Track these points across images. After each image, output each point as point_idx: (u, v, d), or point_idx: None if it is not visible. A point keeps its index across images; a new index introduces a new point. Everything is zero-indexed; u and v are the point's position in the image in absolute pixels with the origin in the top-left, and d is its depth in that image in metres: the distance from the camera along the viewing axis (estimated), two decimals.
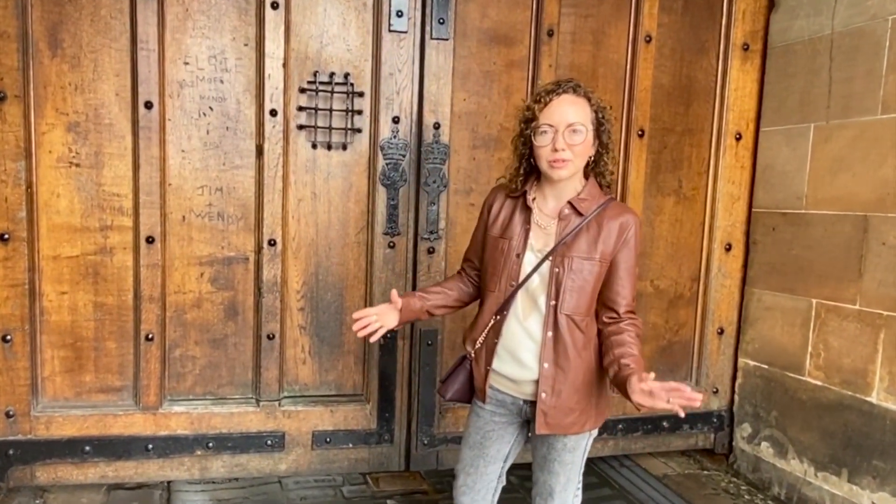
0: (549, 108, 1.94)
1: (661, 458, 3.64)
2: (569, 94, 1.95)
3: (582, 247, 1.96)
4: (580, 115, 1.93)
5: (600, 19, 3.27)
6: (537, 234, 2.01)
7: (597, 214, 1.98)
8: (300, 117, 2.97)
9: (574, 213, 1.98)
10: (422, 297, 2.20)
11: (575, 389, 1.97)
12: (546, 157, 1.94)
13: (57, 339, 2.86)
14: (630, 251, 1.99)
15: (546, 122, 1.93)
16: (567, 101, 1.94)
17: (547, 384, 1.97)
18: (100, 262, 2.86)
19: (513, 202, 2.08)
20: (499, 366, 2.05)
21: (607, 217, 1.98)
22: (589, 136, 1.94)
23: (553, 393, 1.97)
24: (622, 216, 1.99)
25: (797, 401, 3.23)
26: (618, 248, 1.97)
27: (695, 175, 3.49)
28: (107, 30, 2.78)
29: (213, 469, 3.02)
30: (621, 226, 1.97)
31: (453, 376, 2.17)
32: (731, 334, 3.56)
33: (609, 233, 1.97)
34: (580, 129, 1.92)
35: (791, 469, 3.25)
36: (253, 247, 2.99)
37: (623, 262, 1.99)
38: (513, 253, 2.01)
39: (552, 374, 1.97)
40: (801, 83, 3.24)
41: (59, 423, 2.84)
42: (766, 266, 3.41)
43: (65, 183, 2.80)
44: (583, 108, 1.95)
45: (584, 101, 1.96)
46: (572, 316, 1.96)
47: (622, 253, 1.98)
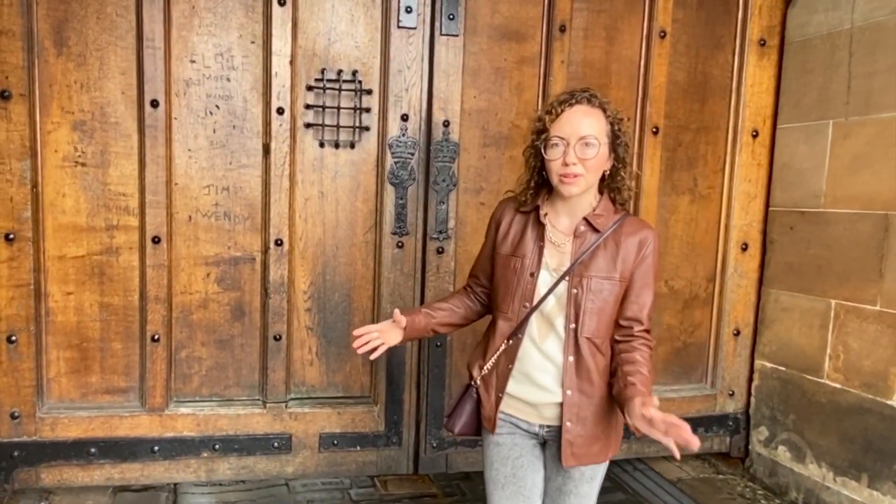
0: (561, 120, 1.82)
1: (675, 462, 3.56)
2: (582, 105, 1.83)
3: (601, 266, 1.85)
4: (594, 127, 1.81)
5: (613, 14, 3.20)
6: (552, 252, 1.89)
7: (614, 231, 1.86)
8: (307, 115, 2.93)
9: (590, 229, 1.86)
10: (427, 313, 2.08)
11: (600, 417, 1.87)
12: (556, 171, 1.82)
13: (62, 340, 2.83)
14: (648, 268, 1.89)
15: (557, 134, 1.82)
16: (580, 113, 1.82)
17: (572, 412, 1.85)
18: (106, 263, 2.83)
19: (524, 217, 1.96)
20: (513, 390, 1.92)
21: (625, 233, 1.86)
22: (603, 150, 1.82)
23: (578, 421, 1.85)
24: (640, 232, 1.88)
25: (815, 404, 3.15)
26: (636, 266, 1.87)
27: (710, 173, 3.42)
28: (113, 27, 2.75)
29: (219, 471, 2.98)
30: (640, 242, 1.86)
31: (459, 407, 2.03)
32: (748, 336, 3.49)
33: (628, 250, 1.86)
34: (593, 143, 1.80)
35: (809, 474, 3.18)
36: (260, 247, 2.95)
37: (640, 279, 1.88)
38: (526, 272, 1.89)
39: (577, 402, 1.85)
40: (819, 79, 3.16)
41: (64, 424, 2.81)
42: (784, 266, 3.34)
43: (70, 182, 2.78)
44: (597, 119, 1.83)
45: (598, 112, 1.84)
46: (593, 339, 1.85)
47: (640, 270, 1.87)
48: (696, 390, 3.50)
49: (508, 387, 1.91)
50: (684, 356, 3.50)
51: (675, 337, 3.48)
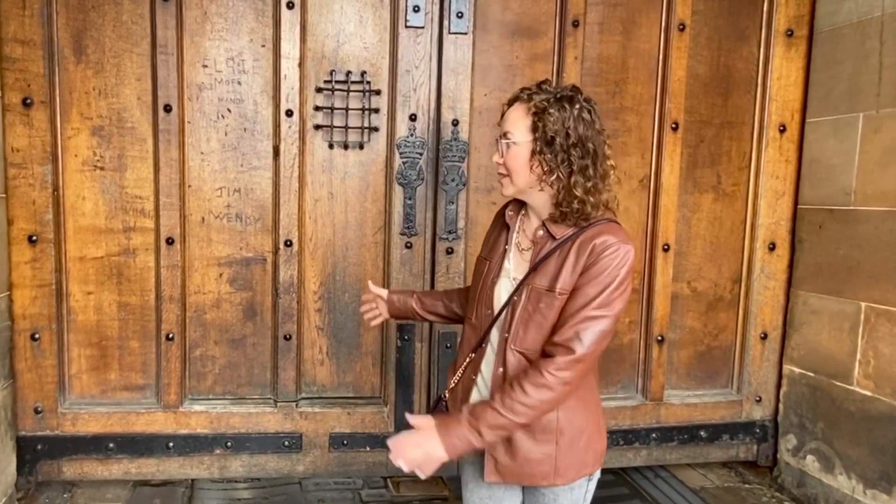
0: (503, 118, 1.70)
1: (699, 470, 3.45)
2: (517, 102, 1.66)
3: (546, 275, 1.63)
4: (512, 122, 1.64)
5: (630, 8, 3.12)
6: (517, 258, 1.74)
7: (573, 237, 1.63)
8: (317, 117, 2.95)
9: (547, 235, 1.67)
10: (418, 297, 2.03)
11: (531, 439, 1.66)
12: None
13: (83, 338, 2.93)
14: (592, 276, 1.57)
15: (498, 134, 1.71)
16: (511, 110, 1.67)
17: None
18: (123, 263, 2.92)
19: (502, 219, 1.83)
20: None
21: (581, 240, 1.61)
22: (523, 148, 1.61)
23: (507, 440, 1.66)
24: (598, 237, 1.59)
25: (845, 412, 3.00)
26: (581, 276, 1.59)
27: (735, 170, 3.29)
28: (128, 35, 2.83)
29: (232, 468, 3.04)
30: (593, 248, 1.58)
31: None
32: (776, 339, 3.34)
33: (576, 258, 1.60)
34: (508, 140, 1.64)
35: (838, 485, 3.02)
36: (270, 247, 2.99)
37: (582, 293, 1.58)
38: (489, 277, 1.76)
39: None
40: (849, 70, 3.01)
41: (84, 419, 2.91)
42: (813, 266, 3.18)
43: (90, 186, 2.87)
44: (519, 114, 1.63)
45: (523, 105, 1.63)
46: (524, 352, 1.64)
47: (583, 278, 1.58)
48: (720, 396, 3.37)
49: (472, 400, 1.76)
50: (708, 360, 3.38)
51: (698, 340, 3.36)
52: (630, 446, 3.28)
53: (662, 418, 3.29)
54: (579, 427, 1.69)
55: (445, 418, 1.63)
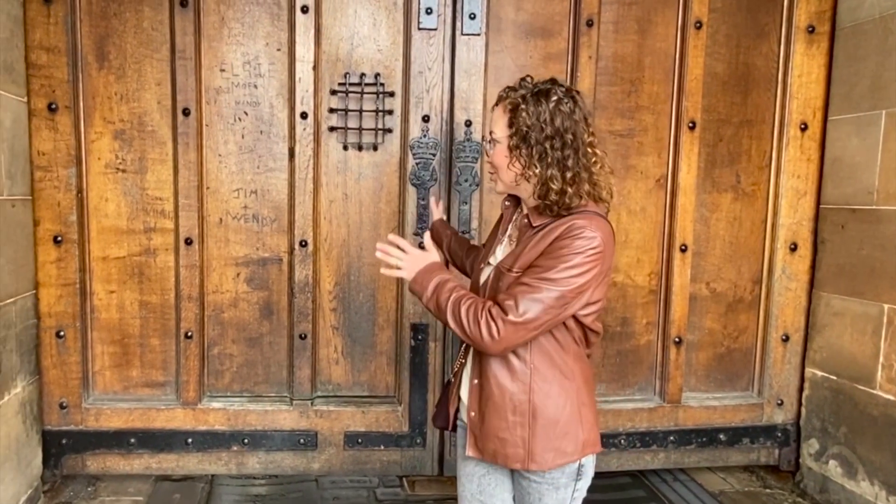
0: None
1: (719, 474, 3.40)
2: (500, 103, 1.72)
3: (512, 256, 1.70)
4: (495, 120, 1.72)
5: (645, 6, 3.09)
6: (506, 247, 1.83)
7: (549, 224, 1.66)
8: (331, 119, 2.99)
9: (528, 224, 1.73)
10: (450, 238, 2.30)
11: (498, 415, 1.71)
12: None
13: (106, 336, 3.02)
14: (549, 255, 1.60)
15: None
16: (496, 109, 1.74)
17: (474, 402, 1.77)
18: (144, 263, 3.00)
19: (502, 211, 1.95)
20: (464, 393, 1.85)
21: (552, 226, 1.65)
22: (503, 145, 1.69)
23: (479, 414, 1.76)
24: (565, 224, 1.62)
25: (867, 416, 2.93)
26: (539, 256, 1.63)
27: (755, 169, 3.24)
28: (149, 41, 2.91)
29: (249, 465, 3.09)
30: (558, 234, 1.61)
31: (441, 402, 1.99)
32: (798, 342, 3.28)
33: (539, 241, 1.65)
34: (492, 140, 1.72)
35: (861, 491, 2.95)
36: (286, 248, 3.04)
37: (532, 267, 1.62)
38: (479, 263, 1.88)
39: (477, 393, 1.76)
40: (872, 66, 2.94)
41: (107, 415, 3.00)
42: (835, 267, 3.11)
43: (112, 188, 2.95)
44: (499, 114, 1.71)
45: (503, 104, 1.71)
46: None
47: (540, 256, 1.62)
48: (740, 399, 3.32)
49: (462, 388, 1.86)
50: (728, 362, 3.33)
51: (717, 342, 3.31)
52: (647, 448, 3.25)
53: (681, 421, 3.25)
54: (554, 412, 1.70)
55: (436, 266, 1.74)
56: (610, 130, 3.10)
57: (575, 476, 1.75)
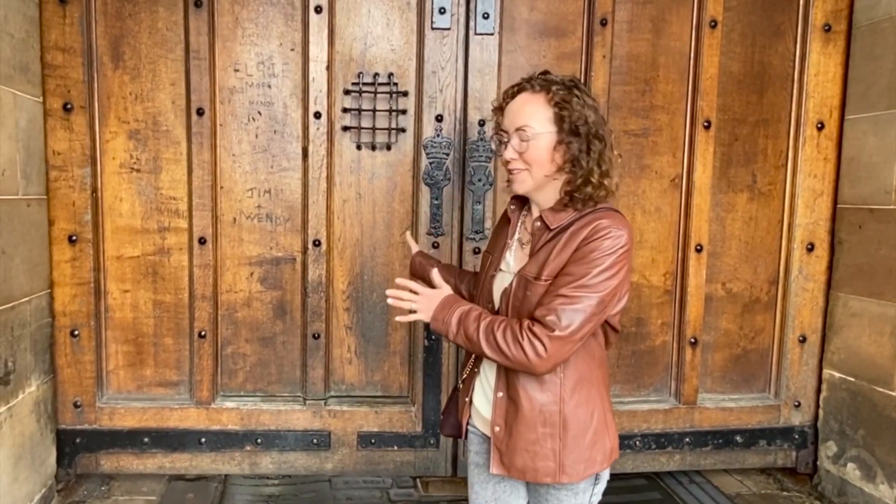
0: (506, 113, 1.69)
1: (736, 476, 3.36)
2: (525, 93, 1.65)
3: (535, 263, 1.64)
4: (530, 115, 1.62)
5: (660, 5, 3.08)
6: (517, 252, 1.75)
7: (570, 226, 1.62)
8: (344, 119, 2.99)
9: (544, 226, 1.66)
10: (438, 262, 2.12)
11: (529, 428, 1.66)
12: (504, 167, 1.70)
13: (120, 335, 3.02)
14: (581, 260, 1.56)
15: (502, 128, 1.69)
16: (521, 101, 1.65)
17: (500, 416, 1.70)
18: (158, 262, 3.00)
19: (505, 214, 1.86)
20: (478, 401, 1.80)
21: (575, 228, 1.60)
22: (545, 140, 1.61)
23: (506, 428, 1.69)
24: (591, 224, 1.58)
25: (886, 418, 2.89)
26: (569, 262, 1.58)
27: (771, 169, 3.21)
28: (163, 42, 2.92)
29: (262, 465, 3.08)
30: (585, 236, 1.57)
31: (448, 409, 1.94)
32: (815, 343, 3.24)
33: (566, 245, 1.60)
34: (529, 133, 1.61)
35: (880, 495, 2.91)
36: (300, 247, 3.04)
37: (565, 270, 1.57)
38: (489, 271, 1.78)
39: (504, 405, 1.69)
40: (889, 65, 2.91)
41: (121, 414, 3.00)
42: (853, 268, 3.08)
43: (127, 187, 2.96)
44: (536, 106, 1.62)
45: (539, 96, 1.63)
46: None
47: (570, 261, 1.58)
48: (757, 400, 3.28)
49: (475, 395, 1.80)
50: (744, 363, 3.30)
51: (733, 343, 3.28)
52: (663, 450, 3.22)
53: (696, 422, 3.22)
54: (584, 421, 1.67)
55: (452, 299, 1.68)
56: (624, 130, 3.09)
57: (593, 480, 1.72)
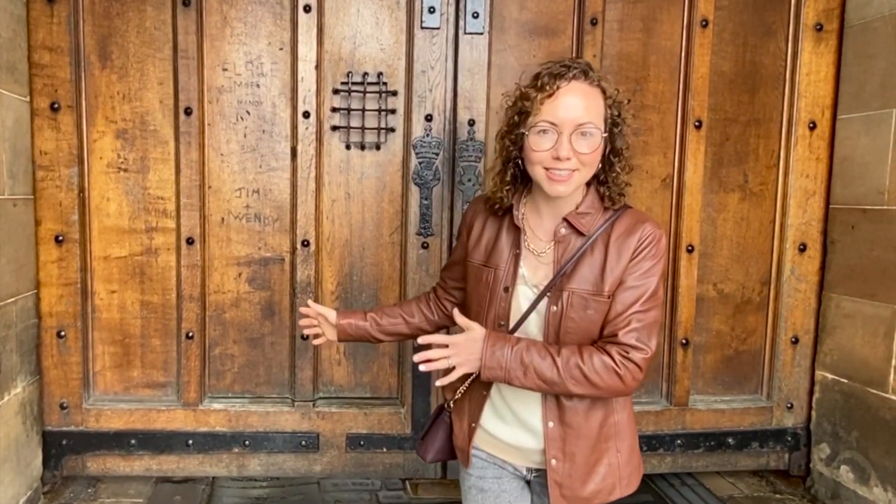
0: (555, 100, 1.47)
1: (728, 478, 3.33)
2: (579, 82, 1.48)
3: (585, 277, 1.52)
4: (592, 111, 1.48)
5: (650, 5, 3.06)
6: (531, 262, 1.60)
7: (603, 233, 1.54)
8: (333, 118, 2.97)
9: (573, 232, 1.56)
10: (372, 319, 1.84)
11: (592, 449, 1.58)
12: (543, 164, 1.50)
13: (107, 336, 3.00)
14: (639, 268, 1.51)
15: (548, 119, 1.47)
16: (577, 92, 1.47)
17: (556, 447, 1.58)
18: (146, 263, 2.98)
19: (497, 220, 1.67)
20: (494, 428, 1.66)
21: (616, 234, 1.53)
22: (599, 138, 1.51)
23: (565, 457, 1.58)
24: (636, 230, 1.53)
25: (880, 420, 2.86)
26: (627, 272, 1.52)
27: (763, 169, 3.19)
28: (151, 41, 2.90)
29: (250, 467, 3.06)
30: (636, 242, 1.52)
31: (432, 432, 1.80)
32: (808, 344, 3.22)
33: (618, 255, 1.52)
34: (592, 132, 1.48)
35: (874, 498, 2.88)
36: (288, 247, 3.02)
37: (627, 280, 1.51)
38: (500, 286, 1.60)
39: (560, 435, 1.58)
40: (882, 64, 2.89)
41: (107, 416, 2.98)
42: (846, 268, 3.06)
43: (114, 187, 2.94)
44: (596, 102, 1.49)
45: (597, 91, 1.50)
46: None
47: (629, 271, 1.52)
48: (749, 402, 3.26)
49: (485, 420, 1.67)
50: (736, 365, 3.28)
51: (725, 344, 3.26)
52: (654, 452, 3.20)
53: (688, 424, 3.20)
54: (631, 428, 1.63)
55: (495, 337, 1.51)
56: None
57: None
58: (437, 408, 1.82)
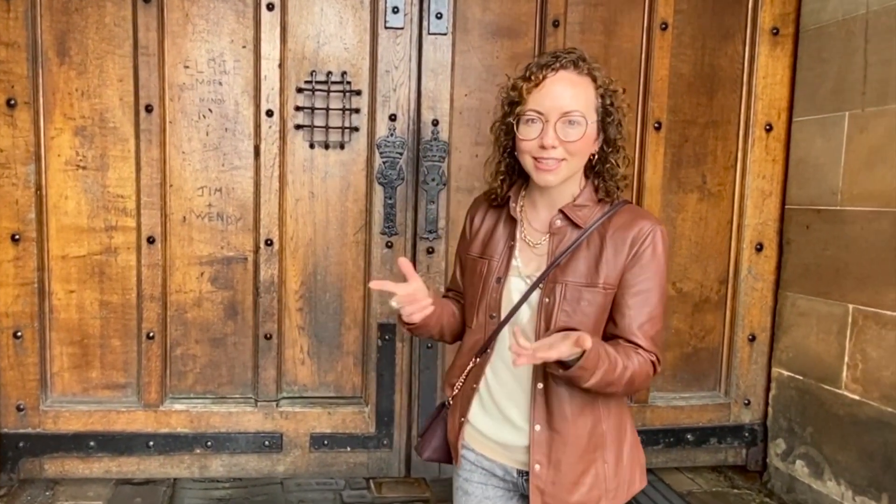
0: (541, 90, 1.47)
1: (687, 474, 3.39)
2: (567, 72, 1.48)
3: (580, 269, 1.50)
4: (580, 100, 1.47)
5: (611, 8, 3.10)
6: (526, 253, 1.57)
7: (600, 225, 1.52)
8: (297, 117, 2.97)
9: (569, 224, 1.53)
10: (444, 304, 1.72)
11: (579, 457, 1.53)
12: (531, 153, 1.49)
13: (65, 336, 2.96)
14: (644, 270, 1.48)
15: (534, 107, 1.47)
16: (564, 81, 1.47)
17: (541, 452, 1.53)
18: (105, 262, 2.94)
19: (496, 212, 1.65)
20: (481, 423, 1.62)
21: (614, 227, 1.51)
22: (591, 130, 1.48)
23: (550, 464, 1.52)
24: (635, 224, 1.50)
25: (833, 416, 2.94)
26: (627, 268, 1.48)
27: (721, 170, 3.26)
28: (111, 37, 2.87)
29: (212, 468, 3.04)
30: (634, 237, 1.48)
31: (431, 429, 1.76)
32: (764, 341, 3.29)
33: (615, 248, 1.49)
34: (578, 121, 1.46)
35: (828, 491, 2.96)
36: (251, 246, 3.00)
37: (631, 284, 1.48)
38: (492, 277, 1.57)
39: (546, 440, 1.53)
40: (835, 68, 2.97)
41: (66, 417, 2.93)
42: (801, 268, 3.14)
43: (72, 185, 2.90)
44: (584, 91, 1.48)
45: (587, 81, 1.49)
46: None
47: (631, 273, 1.48)
48: (707, 399, 3.32)
49: (473, 415, 1.63)
50: (695, 362, 3.34)
51: (684, 342, 3.32)
52: None
53: (648, 421, 3.25)
54: (623, 437, 1.57)
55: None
56: None
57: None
58: (438, 405, 1.78)
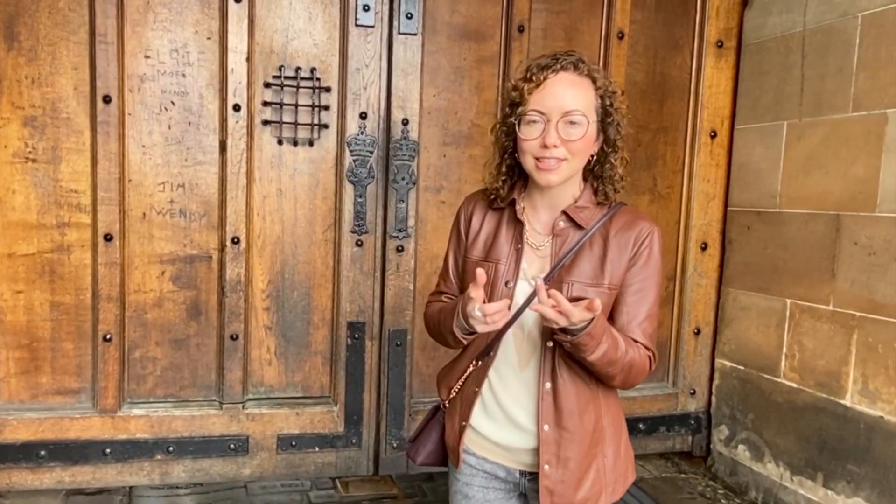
0: (542, 90, 1.48)
1: (639, 462, 3.56)
2: (568, 73, 1.49)
3: (584, 270, 1.52)
4: (581, 100, 1.48)
5: (572, 15, 3.22)
6: (529, 256, 1.57)
7: (602, 226, 1.54)
8: (265, 112, 2.91)
9: (572, 225, 1.55)
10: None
11: (585, 454, 1.54)
12: (532, 153, 1.50)
13: (12, 340, 2.77)
14: (643, 270, 1.54)
15: (536, 108, 1.48)
16: (565, 82, 1.48)
17: (550, 452, 1.53)
18: (57, 261, 2.78)
19: (497, 214, 1.64)
20: (483, 426, 1.61)
21: (615, 229, 1.54)
22: (591, 130, 1.50)
23: (559, 463, 1.53)
24: (635, 226, 1.54)
25: (773, 403, 3.18)
26: (628, 268, 1.53)
27: (669, 173, 3.45)
28: (65, 22, 2.71)
29: (174, 474, 2.93)
30: (635, 239, 1.53)
31: (425, 433, 1.74)
32: (708, 335, 3.51)
33: (619, 249, 1.53)
34: (580, 120, 1.47)
35: (767, 473, 3.20)
36: (216, 245, 2.92)
37: (632, 284, 1.54)
38: (501, 281, 1.56)
39: (555, 439, 1.53)
40: (774, 81, 3.21)
41: (13, 426, 2.75)
42: (742, 265, 3.37)
43: (20, 179, 2.72)
44: (585, 92, 1.49)
45: (587, 82, 1.50)
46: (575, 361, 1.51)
47: (632, 273, 1.53)
48: (657, 389, 3.51)
49: (475, 418, 1.62)
50: None
51: None
52: None
53: None
54: (621, 431, 1.61)
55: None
56: None
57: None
58: (431, 408, 1.77)
